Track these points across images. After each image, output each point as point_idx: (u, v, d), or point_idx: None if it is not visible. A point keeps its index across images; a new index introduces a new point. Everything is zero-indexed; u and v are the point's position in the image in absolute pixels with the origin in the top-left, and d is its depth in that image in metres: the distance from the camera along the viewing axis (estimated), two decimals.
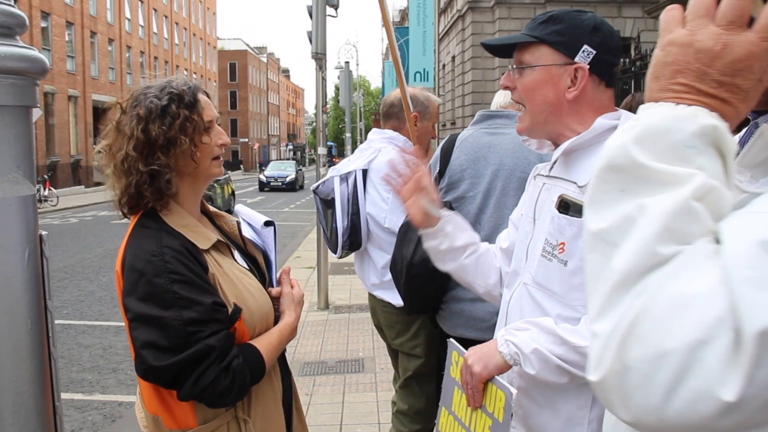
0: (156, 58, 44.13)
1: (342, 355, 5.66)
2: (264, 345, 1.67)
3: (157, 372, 1.52)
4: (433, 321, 2.80)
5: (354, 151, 3.56)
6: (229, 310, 1.60)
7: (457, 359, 1.69)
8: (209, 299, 1.54)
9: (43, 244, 1.32)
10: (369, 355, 5.62)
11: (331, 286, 7.90)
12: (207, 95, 1.76)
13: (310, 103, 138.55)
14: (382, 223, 2.98)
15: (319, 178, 7.45)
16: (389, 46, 2.02)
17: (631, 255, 0.69)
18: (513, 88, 1.63)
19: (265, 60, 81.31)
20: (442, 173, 2.68)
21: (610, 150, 0.76)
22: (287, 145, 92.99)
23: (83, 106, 32.91)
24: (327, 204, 3.18)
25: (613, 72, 1.60)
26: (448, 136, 2.87)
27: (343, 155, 29.04)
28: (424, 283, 2.49)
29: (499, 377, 1.53)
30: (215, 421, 1.62)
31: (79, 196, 26.87)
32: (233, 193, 18.82)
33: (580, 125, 1.55)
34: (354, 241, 3.09)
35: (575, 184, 1.51)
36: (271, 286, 1.85)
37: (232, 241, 1.84)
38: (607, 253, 0.72)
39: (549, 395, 1.54)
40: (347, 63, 20.66)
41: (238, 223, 1.89)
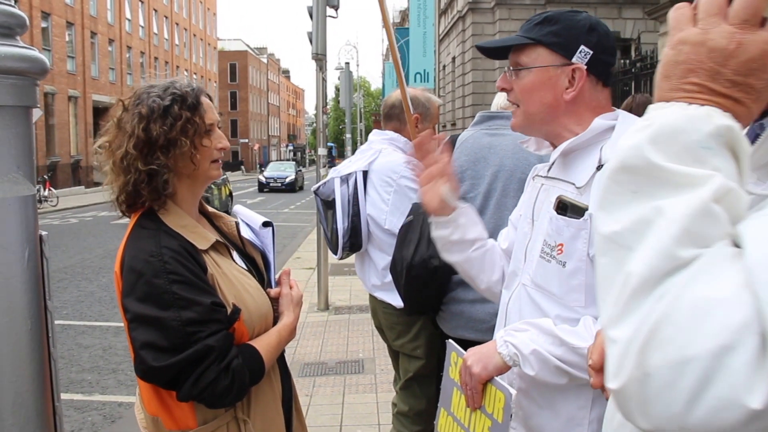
0: (156, 58, 44.15)
1: (342, 356, 5.66)
2: (263, 345, 1.67)
3: (157, 372, 1.52)
4: (433, 322, 2.80)
5: (354, 151, 3.56)
6: (228, 310, 1.60)
7: (456, 360, 1.69)
8: (208, 299, 1.54)
9: (43, 245, 1.32)
10: (369, 356, 5.62)
11: (331, 287, 7.89)
12: (209, 98, 1.76)
13: (311, 104, 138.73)
14: (382, 225, 2.98)
15: (319, 179, 7.47)
16: (389, 47, 2.02)
17: (649, 258, 0.67)
18: (509, 90, 1.63)
19: (265, 61, 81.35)
20: None
21: (623, 151, 0.74)
22: (287, 146, 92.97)
23: (83, 106, 32.93)
24: (327, 205, 3.18)
25: (609, 71, 1.60)
26: (448, 136, 2.87)
27: (343, 156, 29.04)
28: (424, 284, 2.49)
29: (499, 378, 1.53)
30: (215, 422, 1.62)
31: (79, 196, 26.86)
32: (231, 195, 18.78)
33: (577, 126, 1.55)
34: (354, 242, 3.09)
35: (573, 185, 1.51)
36: (270, 287, 1.85)
37: (230, 242, 1.84)
38: (621, 256, 0.70)
39: (549, 396, 1.54)
40: (347, 64, 20.66)
41: (237, 224, 1.89)
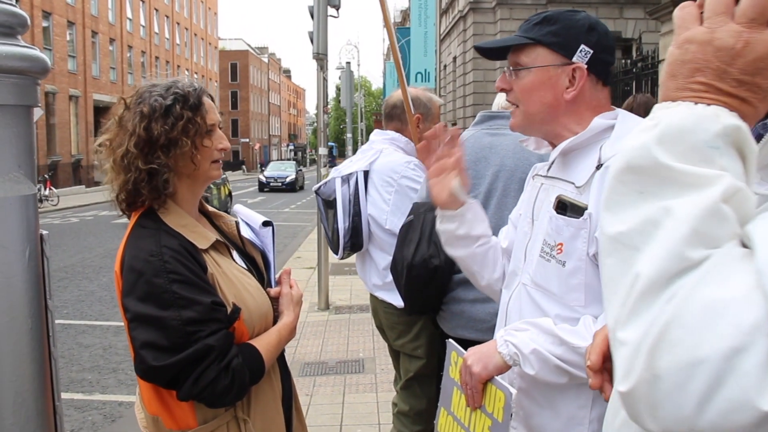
0: (157, 58, 44.17)
1: (342, 356, 5.66)
2: (263, 345, 1.67)
3: (157, 372, 1.52)
4: (433, 322, 2.80)
5: (355, 151, 3.56)
6: (228, 309, 1.60)
7: (457, 360, 1.69)
8: (208, 299, 1.54)
9: (44, 244, 1.32)
10: (369, 356, 5.62)
11: (332, 287, 7.90)
12: (211, 98, 1.76)
13: (311, 104, 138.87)
14: (383, 225, 2.98)
15: (320, 179, 7.48)
16: (390, 47, 2.02)
17: (658, 259, 0.67)
18: (509, 90, 1.63)
19: (266, 60, 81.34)
20: None
21: (629, 151, 0.74)
22: (288, 146, 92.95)
23: (84, 105, 32.93)
24: (328, 205, 3.18)
25: (609, 70, 1.61)
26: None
27: (344, 156, 29.03)
28: (424, 284, 2.49)
29: (499, 377, 1.53)
30: (215, 421, 1.62)
31: (79, 195, 26.88)
32: (230, 194, 18.75)
33: (577, 125, 1.55)
34: (355, 242, 3.09)
35: (573, 184, 1.51)
36: (270, 287, 1.85)
37: (230, 241, 1.84)
38: (627, 257, 0.70)
39: (549, 396, 1.54)
40: (348, 63, 20.64)
41: (237, 224, 1.89)
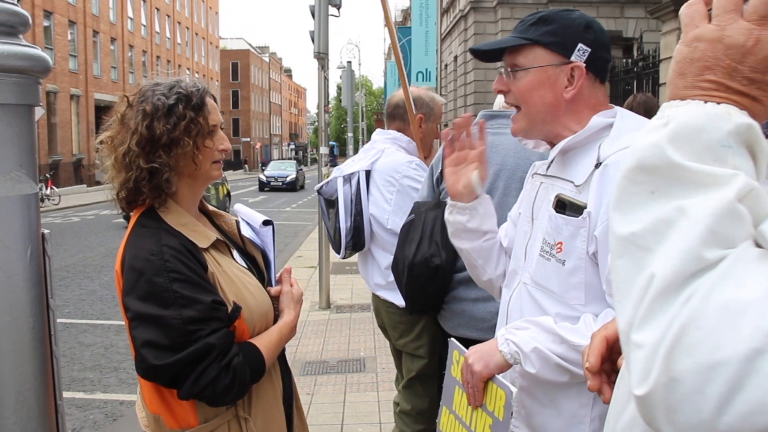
0: (158, 57, 44.17)
1: (343, 355, 5.66)
2: (264, 343, 1.67)
3: (158, 371, 1.52)
4: (435, 321, 2.80)
5: (356, 150, 3.56)
6: (229, 308, 1.60)
7: (458, 358, 1.69)
8: (209, 298, 1.55)
9: (46, 243, 1.32)
10: (370, 355, 5.62)
11: (333, 286, 7.90)
12: (214, 99, 1.77)
13: (312, 103, 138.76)
14: (384, 224, 2.98)
15: (321, 178, 7.48)
16: (392, 47, 2.02)
17: (674, 259, 0.65)
18: (507, 92, 1.63)
19: (267, 59, 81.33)
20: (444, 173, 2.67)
21: (641, 150, 0.73)
22: (289, 145, 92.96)
23: (85, 105, 32.95)
24: (330, 204, 3.19)
25: (606, 68, 1.61)
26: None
27: (345, 155, 29.01)
28: (425, 282, 2.49)
29: (500, 376, 1.54)
30: (216, 420, 1.62)
31: (80, 195, 26.89)
32: (229, 194, 18.65)
33: (577, 124, 1.56)
34: (357, 241, 3.09)
35: (572, 183, 1.51)
36: (270, 285, 1.85)
37: (231, 240, 1.84)
38: (639, 258, 0.69)
39: (551, 394, 1.54)
40: (349, 63, 20.62)
41: (237, 223, 1.89)
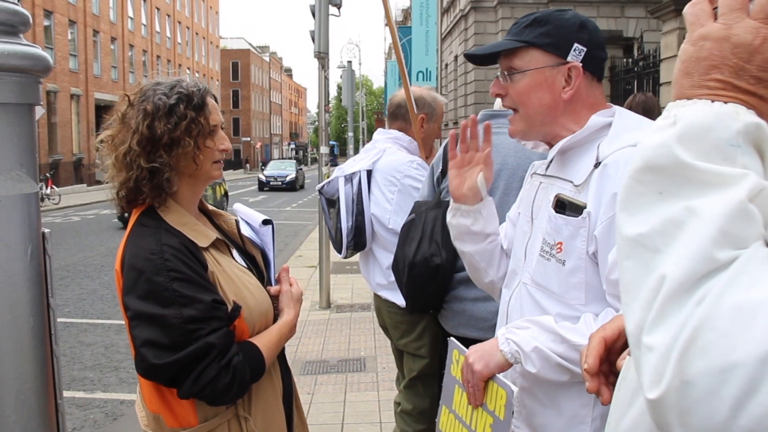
0: (158, 56, 44.17)
1: (344, 354, 5.66)
2: (264, 343, 1.67)
3: (158, 370, 1.52)
4: (436, 321, 2.80)
5: (356, 150, 3.57)
6: (229, 307, 1.60)
7: (458, 358, 1.69)
8: (209, 297, 1.55)
9: (46, 242, 1.32)
10: (371, 355, 5.63)
11: (333, 285, 7.90)
12: (215, 99, 1.76)
13: (313, 103, 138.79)
14: (386, 224, 2.98)
15: (321, 178, 7.48)
16: (393, 47, 2.02)
17: (685, 260, 0.64)
18: (504, 95, 1.63)
19: (267, 59, 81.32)
20: (444, 172, 2.67)
21: (649, 150, 0.72)
22: (289, 144, 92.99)
23: (86, 104, 32.95)
24: (331, 204, 3.19)
25: (603, 66, 1.61)
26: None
27: (345, 154, 28.99)
28: (425, 282, 2.49)
29: (500, 375, 1.53)
30: (216, 419, 1.62)
31: (81, 194, 26.90)
32: (226, 194, 18.60)
33: (575, 124, 1.56)
34: (359, 241, 3.09)
35: (571, 183, 1.51)
36: (270, 285, 1.85)
37: (230, 240, 1.84)
38: (648, 259, 0.68)
39: (552, 394, 1.54)
40: (350, 62, 20.60)
41: (237, 222, 1.89)
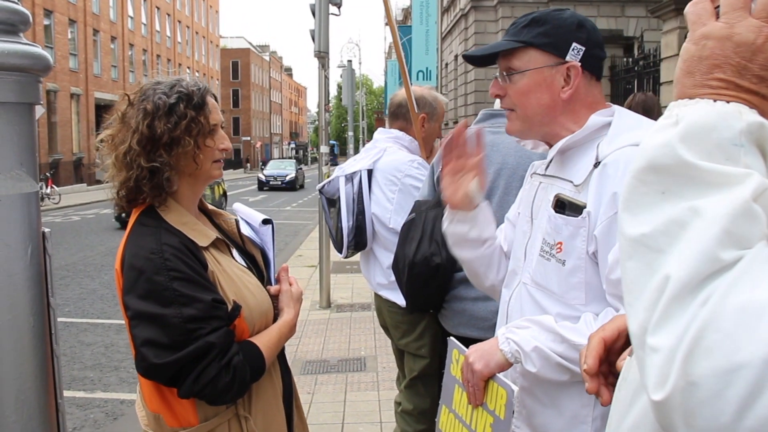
0: (158, 56, 44.16)
1: (344, 354, 5.66)
2: (264, 342, 1.67)
3: (158, 369, 1.52)
4: (437, 321, 2.80)
5: (356, 149, 3.57)
6: (229, 307, 1.60)
7: (458, 357, 1.69)
8: (209, 296, 1.54)
9: (46, 242, 1.32)
10: (371, 354, 5.62)
11: (333, 285, 7.90)
12: (215, 98, 1.76)
13: (313, 102, 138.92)
14: (387, 224, 2.98)
15: (321, 177, 7.47)
16: (394, 47, 2.02)
17: (689, 261, 0.64)
18: (503, 96, 1.62)
19: (267, 58, 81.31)
20: None
21: (651, 149, 0.72)
22: (289, 144, 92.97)
23: (86, 104, 32.95)
24: (332, 203, 3.18)
25: (601, 65, 1.61)
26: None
27: (345, 154, 28.98)
28: (425, 281, 2.49)
29: (500, 375, 1.53)
30: (216, 419, 1.62)
31: (81, 194, 26.90)
32: (225, 194, 18.58)
33: (574, 124, 1.55)
34: (359, 241, 3.09)
35: (571, 182, 1.51)
36: (270, 284, 1.85)
37: (230, 239, 1.84)
38: (651, 260, 0.68)
39: (552, 394, 1.54)
40: (350, 61, 20.59)
41: (237, 222, 1.89)
